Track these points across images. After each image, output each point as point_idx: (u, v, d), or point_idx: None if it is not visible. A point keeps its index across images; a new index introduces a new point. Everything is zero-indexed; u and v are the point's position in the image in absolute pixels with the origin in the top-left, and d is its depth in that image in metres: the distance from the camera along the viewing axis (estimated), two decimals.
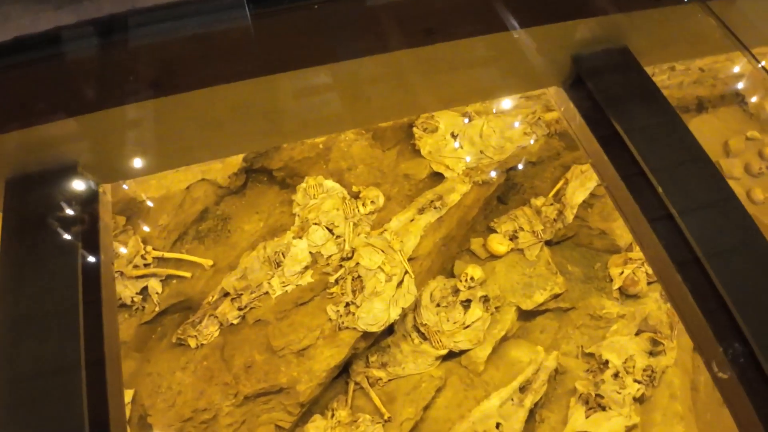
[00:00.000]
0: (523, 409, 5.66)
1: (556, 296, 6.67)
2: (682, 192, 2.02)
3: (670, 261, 2.16)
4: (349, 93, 2.28)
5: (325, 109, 2.26)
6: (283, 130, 2.43)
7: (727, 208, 2.12)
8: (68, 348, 1.74)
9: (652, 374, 6.20)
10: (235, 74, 1.99)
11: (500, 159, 6.85)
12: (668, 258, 2.14)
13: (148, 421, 5.72)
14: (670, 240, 2.11)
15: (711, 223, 2.10)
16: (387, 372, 5.96)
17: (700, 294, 2.20)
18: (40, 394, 1.71)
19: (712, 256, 2.12)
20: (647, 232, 2.10)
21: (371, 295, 5.69)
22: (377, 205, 6.31)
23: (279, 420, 5.60)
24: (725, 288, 2.08)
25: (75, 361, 1.71)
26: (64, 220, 1.93)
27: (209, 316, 5.96)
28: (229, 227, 6.69)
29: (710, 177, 2.08)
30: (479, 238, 7.07)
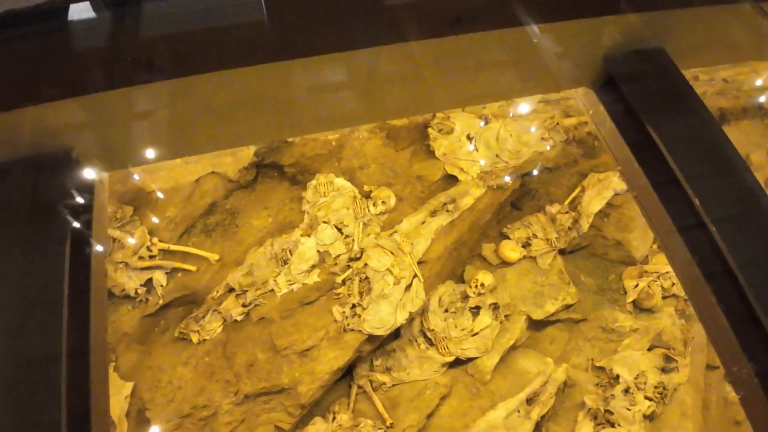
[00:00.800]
0: (529, 421, 5.50)
1: (567, 307, 6.51)
2: (717, 202, 1.88)
3: (699, 272, 2.02)
4: (365, 85, 2.16)
5: (339, 101, 2.14)
6: (294, 122, 2.31)
7: (763, 222, 1.97)
8: (50, 339, 1.64)
9: (663, 391, 6.03)
10: (245, 59, 1.87)
11: (516, 164, 6.69)
12: (698, 269, 2.00)
13: (147, 415, 5.63)
14: (701, 251, 1.97)
15: (745, 235, 1.95)
16: (391, 377, 5.83)
17: (730, 307, 2.05)
18: (19, 384, 1.61)
19: (745, 267, 1.97)
20: (677, 241, 1.96)
21: (378, 297, 5.56)
22: (388, 206, 6.18)
23: (279, 421, 5.49)
24: (758, 301, 1.94)
25: (56, 353, 1.61)
26: (54, 208, 1.83)
27: (213, 312, 5.87)
28: (237, 222, 6.59)
29: (748, 189, 1.94)
30: (491, 243, 6.92)
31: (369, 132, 6.67)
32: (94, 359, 1.80)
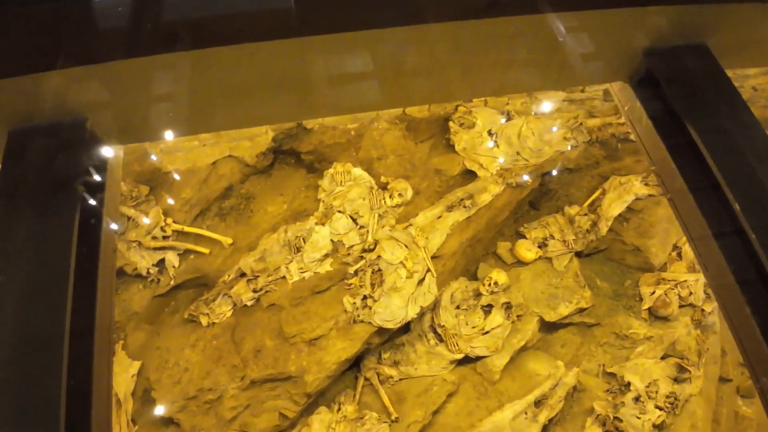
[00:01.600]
0: (536, 424, 5.42)
1: (581, 310, 6.39)
2: (757, 209, 1.77)
3: (734, 280, 1.92)
4: (389, 68, 2.08)
5: (360, 83, 2.06)
6: (314, 104, 2.24)
7: None
8: (54, 316, 1.59)
9: (674, 402, 5.90)
10: (269, 32, 1.80)
11: (536, 162, 6.57)
12: (733, 277, 1.90)
13: (152, 396, 5.64)
14: (737, 258, 1.87)
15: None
16: (399, 371, 5.77)
17: (764, 317, 1.94)
18: (19, 362, 1.56)
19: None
20: (712, 247, 1.86)
21: (390, 290, 5.50)
22: (405, 198, 6.10)
23: (284, 408, 5.46)
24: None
25: (60, 331, 1.56)
26: (66, 179, 1.77)
27: (223, 295, 5.84)
28: (252, 207, 6.56)
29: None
30: (507, 242, 6.81)
31: (389, 123, 6.58)
32: (98, 338, 1.75)
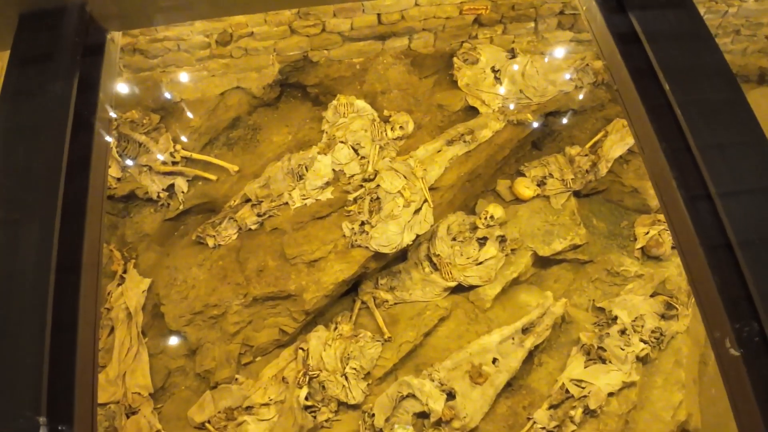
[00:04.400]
0: (522, 349, 5.69)
1: (575, 247, 6.57)
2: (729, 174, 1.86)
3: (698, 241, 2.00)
4: None
5: None
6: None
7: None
8: (46, 191, 1.76)
9: (660, 337, 6.11)
10: None
11: (540, 101, 6.63)
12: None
13: (161, 310, 6.00)
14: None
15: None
16: (394, 295, 6.05)
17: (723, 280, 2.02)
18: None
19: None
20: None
21: (387, 217, 5.71)
22: (406, 131, 6.23)
23: (284, 325, 5.79)
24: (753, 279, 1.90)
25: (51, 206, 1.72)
26: (62, 63, 1.93)
27: (229, 219, 6.11)
28: (258, 137, 6.75)
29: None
30: (507, 180, 6.95)
31: (394, 58, 6.65)
32: (90, 214, 1.90)
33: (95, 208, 1.86)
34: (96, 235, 1.89)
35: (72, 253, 2.01)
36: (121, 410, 5.68)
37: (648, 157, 2.18)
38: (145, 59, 6.52)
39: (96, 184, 2.11)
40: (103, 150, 2.04)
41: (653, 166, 2.13)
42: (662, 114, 2.06)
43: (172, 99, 6.68)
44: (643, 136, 2.18)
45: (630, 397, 5.76)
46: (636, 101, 2.09)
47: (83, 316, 2.00)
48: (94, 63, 2.10)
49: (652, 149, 2.13)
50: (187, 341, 5.92)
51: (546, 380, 5.81)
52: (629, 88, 2.09)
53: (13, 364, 1.74)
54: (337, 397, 5.40)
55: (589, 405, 5.48)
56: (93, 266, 2.20)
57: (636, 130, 2.23)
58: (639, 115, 2.13)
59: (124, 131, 6.47)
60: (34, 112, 1.89)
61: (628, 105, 2.21)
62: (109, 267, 6.41)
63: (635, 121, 2.21)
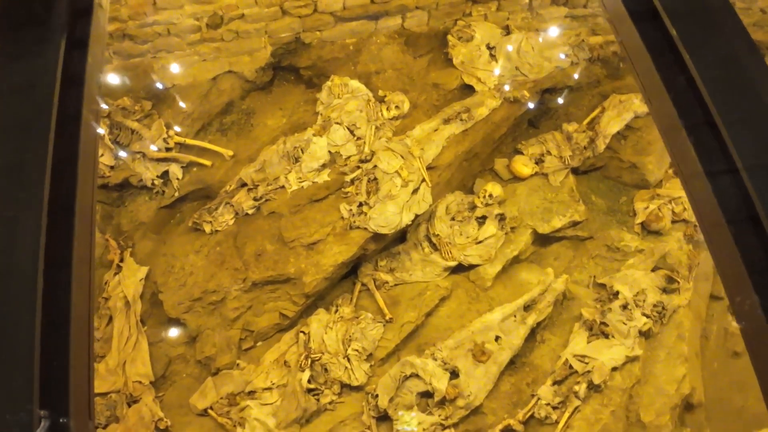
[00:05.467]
0: (524, 326, 5.66)
1: (575, 224, 6.53)
2: (753, 145, 1.81)
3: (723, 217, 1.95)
4: None
5: None
6: None
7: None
8: (36, 146, 1.71)
9: (662, 311, 6.10)
10: None
11: (536, 78, 6.56)
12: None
13: (159, 298, 5.94)
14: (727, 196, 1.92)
15: None
16: (394, 276, 6.00)
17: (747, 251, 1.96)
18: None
19: None
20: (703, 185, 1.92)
21: (385, 197, 5.66)
22: (401, 111, 6.16)
23: (284, 309, 5.74)
24: None
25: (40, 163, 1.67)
26: (50, 26, 1.87)
27: (225, 204, 6.05)
28: (252, 121, 6.68)
29: None
30: (504, 159, 6.90)
31: (387, 37, 6.57)
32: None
33: (88, 165, 1.79)
34: (88, 201, 1.83)
35: (63, 244, 1.97)
36: (123, 399, 5.64)
37: (656, 108, 2.13)
38: (135, 45, 6.42)
39: (87, 147, 2.05)
40: (93, 116, 1.98)
41: (661, 117, 2.08)
42: (669, 62, 2.00)
43: (163, 85, 6.59)
44: (649, 87, 2.13)
45: (633, 372, 5.75)
46: (641, 49, 2.03)
47: (76, 307, 1.97)
48: (82, 27, 2.03)
49: (659, 100, 2.08)
50: (187, 328, 5.87)
51: (549, 357, 5.79)
52: (633, 36, 2.03)
53: (5, 359, 1.72)
54: (339, 379, 5.36)
55: (593, 380, 5.46)
56: (86, 253, 2.14)
57: (642, 81, 2.17)
58: (645, 65, 2.08)
59: (116, 119, 6.38)
60: (22, 76, 1.83)
61: (633, 56, 2.16)
62: (106, 256, 6.34)
63: (641, 72, 2.15)
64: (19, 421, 1.68)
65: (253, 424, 5.24)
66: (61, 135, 1.94)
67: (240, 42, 6.44)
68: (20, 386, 1.72)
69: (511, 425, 5.27)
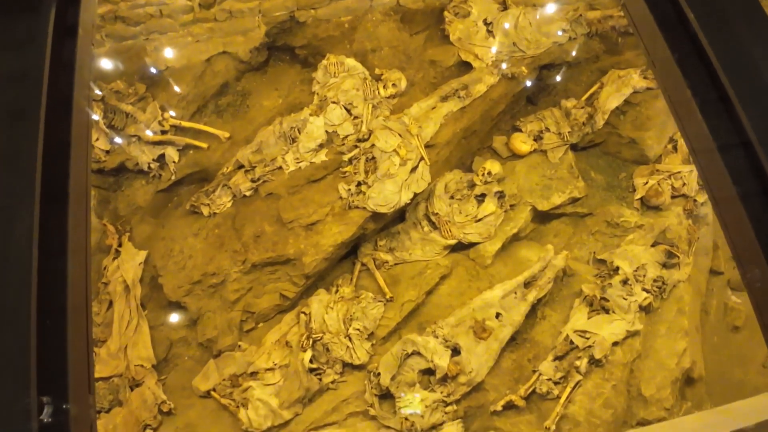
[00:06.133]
0: (525, 303, 5.66)
1: (574, 200, 6.51)
2: None
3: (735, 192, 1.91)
4: None
5: None
6: None
7: None
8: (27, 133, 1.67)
9: (662, 286, 6.10)
10: None
11: (534, 54, 6.49)
12: None
13: (159, 282, 5.92)
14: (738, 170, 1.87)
15: None
16: (394, 256, 5.99)
17: None
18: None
19: None
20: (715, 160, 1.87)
21: (384, 176, 5.62)
22: (398, 89, 6.10)
23: (284, 290, 5.73)
24: None
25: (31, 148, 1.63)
26: (38, 14, 1.82)
27: (223, 186, 6.01)
28: (248, 102, 6.61)
29: None
30: (503, 136, 6.85)
31: (382, 14, 6.48)
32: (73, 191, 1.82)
33: (81, 144, 1.76)
34: (83, 170, 1.80)
35: (58, 231, 1.95)
36: (125, 383, 5.65)
37: (659, 71, 2.08)
38: (127, 27, 6.33)
39: (79, 133, 2.01)
40: (86, 101, 1.94)
41: (665, 79, 2.04)
42: (673, 21, 1.96)
43: (157, 67, 6.51)
44: (652, 50, 2.08)
45: (634, 346, 5.76)
46: (644, 10, 1.98)
47: (73, 293, 1.94)
48: (72, 10, 1.99)
49: (663, 63, 2.04)
50: (188, 311, 5.87)
51: (550, 333, 5.80)
52: None
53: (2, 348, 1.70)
54: (341, 359, 5.37)
55: (594, 355, 5.47)
56: (82, 239, 2.11)
57: (646, 44, 2.13)
58: (649, 27, 2.03)
59: (110, 102, 6.30)
60: (11, 62, 1.79)
61: (636, 18, 2.11)
62: (104, 241, 6.32)
63: (644, 34, 2.11)
64: (19, 408, 1.67)
65: (256, 405, 5.25)
66: (53, 121, 1.92)
67: (233, 22, 6.36)
68: (18, 374, 1.70)
69: (513, 401, 5.29)
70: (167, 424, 5.45)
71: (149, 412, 5.46)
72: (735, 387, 6.60)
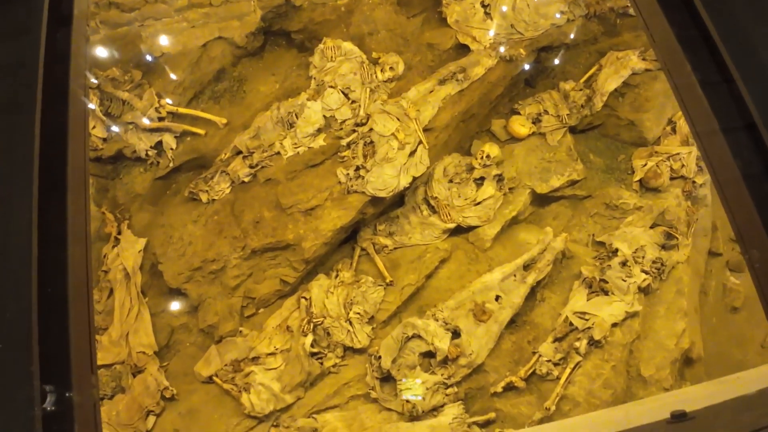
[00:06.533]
0: (524, 285, 5.68)
1: (573, 183, 6.50)
2: None
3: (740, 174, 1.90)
4: None
5: None
6: None
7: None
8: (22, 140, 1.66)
9: (661, 267, 6.11)
10: None
11: (532, 36, 6.44)
12: None
13: (159, 269, 5.93)
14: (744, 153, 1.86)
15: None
16: (393, 240, 6.00)
17: None
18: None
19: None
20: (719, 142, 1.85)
21: (382, 160, 5.61)
22: (396, 72, 6.07)
23: (284, 275, 5.75)
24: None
25: None
26: (32, 3, 1.81)
27: (221, 173, 6.00)
28: (244, 88, 6.57)
29: None
30: (501, 119, 6.82)
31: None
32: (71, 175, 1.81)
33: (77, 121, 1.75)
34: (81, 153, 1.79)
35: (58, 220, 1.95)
36: (127, 370, 5.68)
37: (659, 45, 2.07)
38: (122, 13, 6.27)
39: (76, 121, 2.00)
40: (81, 89, 1.92)
41: (664, 53, 2.03)
42: None
43: (152, 54, 6.46)
44: (652, 26, 2.06)
45: (633, 327, 5.78)
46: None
47: (73, 282, 1.95)
48: None
49: (662, 37, 2.03)
50: (188, 298, 5.88)
51: (549, 315, 5.83)
52: None
53: (5, 337, 1.70)
54: (342, 343, 5.40)
55: (594, 336, 5.50)
56: (81, 227, 2.11)
57: (645, 20, 2.11)
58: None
59: (106, 90, 6.27)
60: (6, 53, 1.78)
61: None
62: (103, 229, 6.31)
63: (645, 12, 2.09)
64: (23, 396, 1.67)
65: (258, 389, 5.28)
66: (50, 111, 1.91)
67: (229, 7, 6.30)
68: (21, 362, 1.71)
69: (513, 382, 5.32)
70: (170, 409, 5.49)
71: (152, 398, 5.50)
72: (734, 367, 6.64)
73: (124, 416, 5.33)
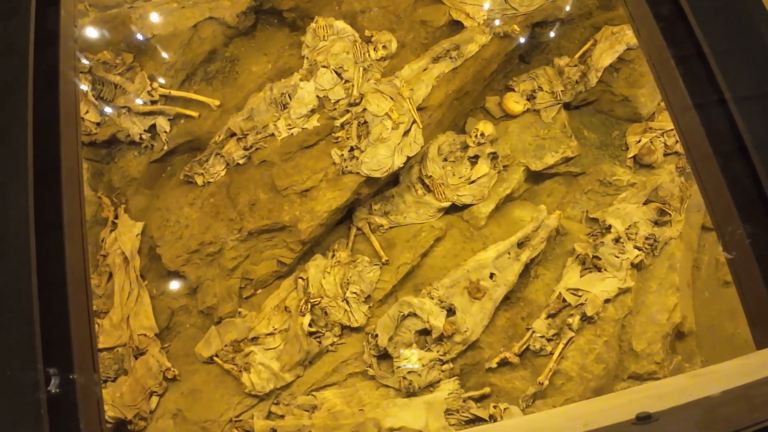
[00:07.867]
0: (518, 263, 5.75)
1: (567, 160, 6.52)
2: (743, 80, 1.76)
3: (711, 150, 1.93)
4: None
5: None
6: None
7: None
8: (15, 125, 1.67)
9: (654, 243, 6.17)
10: None
11: (526, 11, 6.37)
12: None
13: (157, 252, 5.98)
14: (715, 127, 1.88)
15: None
16: (389, 220, 6.04)
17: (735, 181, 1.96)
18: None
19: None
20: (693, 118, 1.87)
21: (376, 141, 5.62)
22: (389, 51, 6.03)
23: (281, 256, 5.80)
24: None
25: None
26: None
27: (216, 155, 6.00)
28: (237, 69, 6.53)
29: None
30: (496, 96, 6.80)
31: None
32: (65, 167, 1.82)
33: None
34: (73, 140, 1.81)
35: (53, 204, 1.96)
36: (129, 352, 5.77)
37: (644, 38, 2.08)
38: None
39: (68, 105, 2.01)
40: (72, 72, 1.93)
41: (650, 46, 2.04)
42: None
43: (143, 36, 6.40)
44: (638, 17, 2.07)
45: (626, 303, 5.87)
46: None
47: (71, 265, 1.97)
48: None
49: (647, 28, 2.04)
50: (187, 280, 5.94)
51: (543, 291, 5.91)
52: None
53: (6, 323, 1.74)
54: (339, 322, 5.49)
55: (587, 312, 5.59)
56: (76, 210, 2.13)
57: (630, 10, 2.12)
58: None
59: (97, 73, 6.23)
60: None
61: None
62: (100, 214, 6.34)
63: None
64: (26, 380, 1.71)
65: (258, 369, 5.38)
66: (41, 95, 1.91)
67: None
68: (23, 347, 1.75)
69: (507, 358, 5.43)
70: (172, 390, 5.60)
71: (154, 379, 5.60)
72: (725, 340, 6.74)
73: (128, 397, 5.44)
